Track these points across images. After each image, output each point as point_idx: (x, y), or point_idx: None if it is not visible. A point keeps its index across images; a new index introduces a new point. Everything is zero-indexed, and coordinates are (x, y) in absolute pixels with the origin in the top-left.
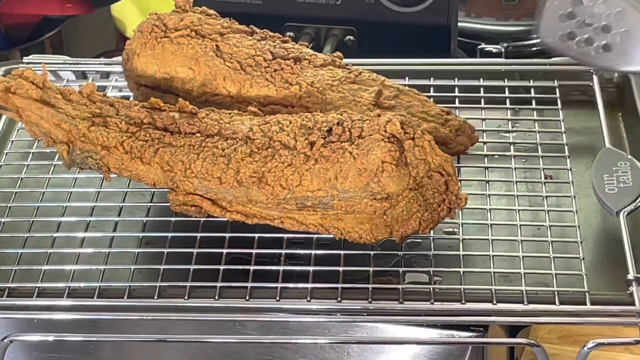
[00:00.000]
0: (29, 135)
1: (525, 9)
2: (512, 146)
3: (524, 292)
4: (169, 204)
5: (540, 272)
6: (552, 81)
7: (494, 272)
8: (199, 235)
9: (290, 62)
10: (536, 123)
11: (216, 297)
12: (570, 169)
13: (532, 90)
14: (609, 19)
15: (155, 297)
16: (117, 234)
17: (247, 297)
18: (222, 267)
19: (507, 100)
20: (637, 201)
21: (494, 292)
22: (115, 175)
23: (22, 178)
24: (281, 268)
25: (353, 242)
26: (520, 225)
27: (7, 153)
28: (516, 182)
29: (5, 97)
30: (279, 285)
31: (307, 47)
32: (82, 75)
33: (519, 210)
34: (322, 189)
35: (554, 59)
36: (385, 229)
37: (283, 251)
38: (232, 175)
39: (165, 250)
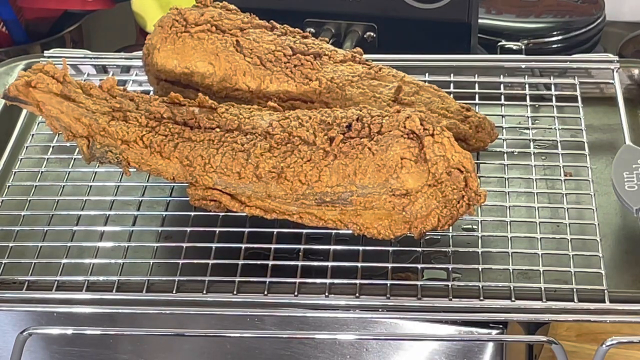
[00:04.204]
0: (49, 129)
1: (545, 6)
2: (532, 143)
3: (543, 289)
4: (188, 199)
5: (559, 270)
6: (572, 78)
7: (513, 269)
8: (217, 229)
9: (310, 57)
10: (556, 120)
11: (234, 292)
12: (590, 167)
13: (553, 87)
14: None
15: (174, 292)
16: (136, 228)
17: (266, 292)
18: (240, 262)
19: (527, 97)
20: None
21: (512, 289)
22: (135, 170)
23: (42, 172)
24: (300, 263)
25: (372, 238)
26: (540, 222)
27: (27, 147)
28: (536, 179)
29: (26, 91)
30: (298, 280)
31: (327, 42)
32: (103, 70)
33: (538, 207)
34: (341, 184)
35: (574, 56)
36: (404, 225)
37: (302, 246)
38: (251, 170)
39: (184, 245)
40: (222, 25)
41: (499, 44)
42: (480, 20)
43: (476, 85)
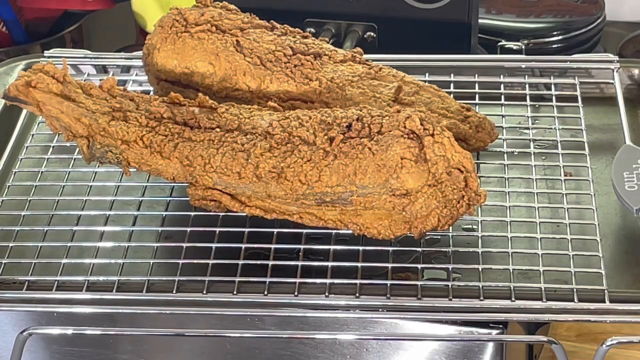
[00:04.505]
0: (49, 129)
1: (545, 6)
2: (532, 143)
3: (543, 289)
4: (188, 199)
5: (559, 270)
6: (572, 78)
7: (513, 269)
8: (217, 229)
9: (311, 57)
10: (556, 120)
11: (234, 292)
12: (590, 167)
13: (553, 87)
14: None
15: (174, 292)
16: (136, 228)
17: (266, 292)
18: (240, 262)
19: (527, 97)
20: None
21: (512, 289)
22: (135, 170)
23: (42, 172)
24: (300, 263)
25: (372, 238)
26: (540, 222)
27: (27, 147)
28: (536, 179)
29: (26, 91)
30: (298, 280)
31: (327, 42)
32: (103, 70)
33: (538, 207)
34: (341, 184)
35: (574, 56)
36: (404, 225)
37: (302, 246)
38: (251, 170)
39: (184, 245)
40: (222, 25)
41: (499, 44)
42: (480, 20)
43: (476, 85)
